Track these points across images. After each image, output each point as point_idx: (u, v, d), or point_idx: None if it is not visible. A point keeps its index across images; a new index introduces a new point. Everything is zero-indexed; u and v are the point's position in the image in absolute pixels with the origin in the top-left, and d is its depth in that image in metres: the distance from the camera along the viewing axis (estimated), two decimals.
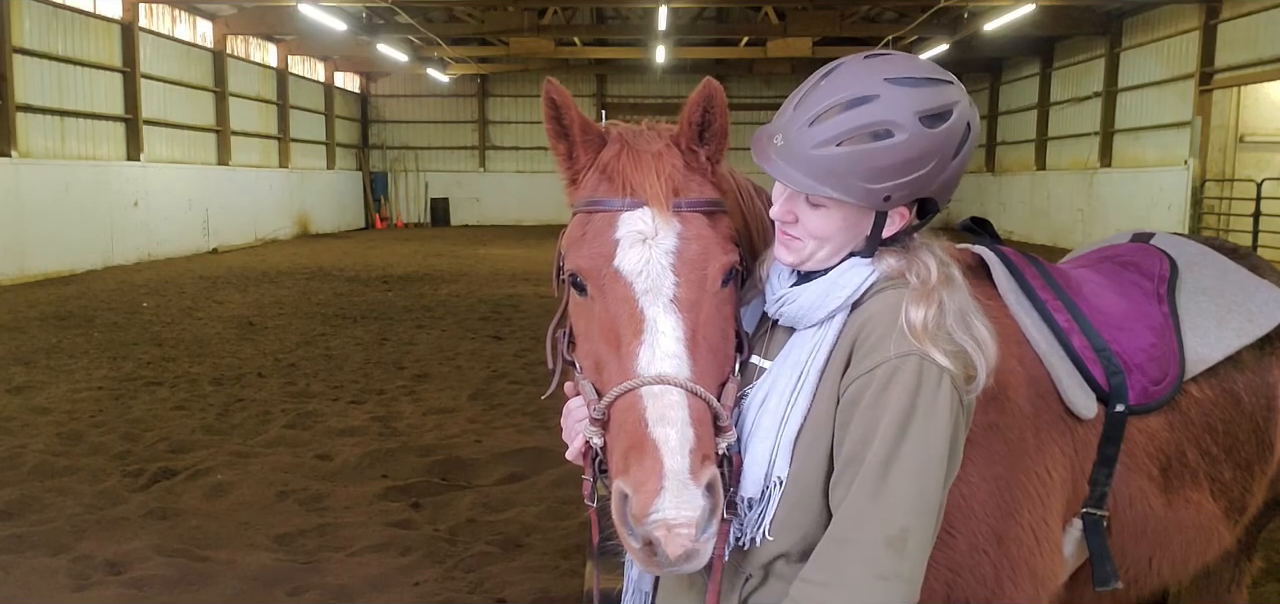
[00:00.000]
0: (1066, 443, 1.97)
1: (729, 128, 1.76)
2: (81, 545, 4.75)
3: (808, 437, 1.60)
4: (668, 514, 1.48)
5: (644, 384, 1.59)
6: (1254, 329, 2.26)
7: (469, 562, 4.61)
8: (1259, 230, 17.45)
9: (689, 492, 1.50)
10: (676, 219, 1.71)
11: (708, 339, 1.68)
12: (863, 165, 1.56)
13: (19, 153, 16.28)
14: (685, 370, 1.61)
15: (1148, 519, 2.09)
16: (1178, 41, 20.51)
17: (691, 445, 1.54)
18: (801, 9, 23.32)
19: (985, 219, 2.26)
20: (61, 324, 11.52)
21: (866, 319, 1.61)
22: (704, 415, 1.60)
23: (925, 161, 1.57)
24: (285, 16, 22.96)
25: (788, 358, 1.67)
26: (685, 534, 1.48)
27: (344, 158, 32.82)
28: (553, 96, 1.76)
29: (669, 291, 1.67)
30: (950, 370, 1.54)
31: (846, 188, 1.57)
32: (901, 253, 1.66)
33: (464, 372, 8.96)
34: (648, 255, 1.69)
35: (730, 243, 1.76)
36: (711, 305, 1.70)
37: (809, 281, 1.68)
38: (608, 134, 1.82)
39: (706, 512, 1.51)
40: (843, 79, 1.61)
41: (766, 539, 1.60)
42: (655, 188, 1.70)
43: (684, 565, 1.52)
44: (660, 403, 1.57)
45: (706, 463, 1.55)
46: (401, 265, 19.34)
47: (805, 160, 1.59)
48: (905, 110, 1.56)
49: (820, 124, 1.59)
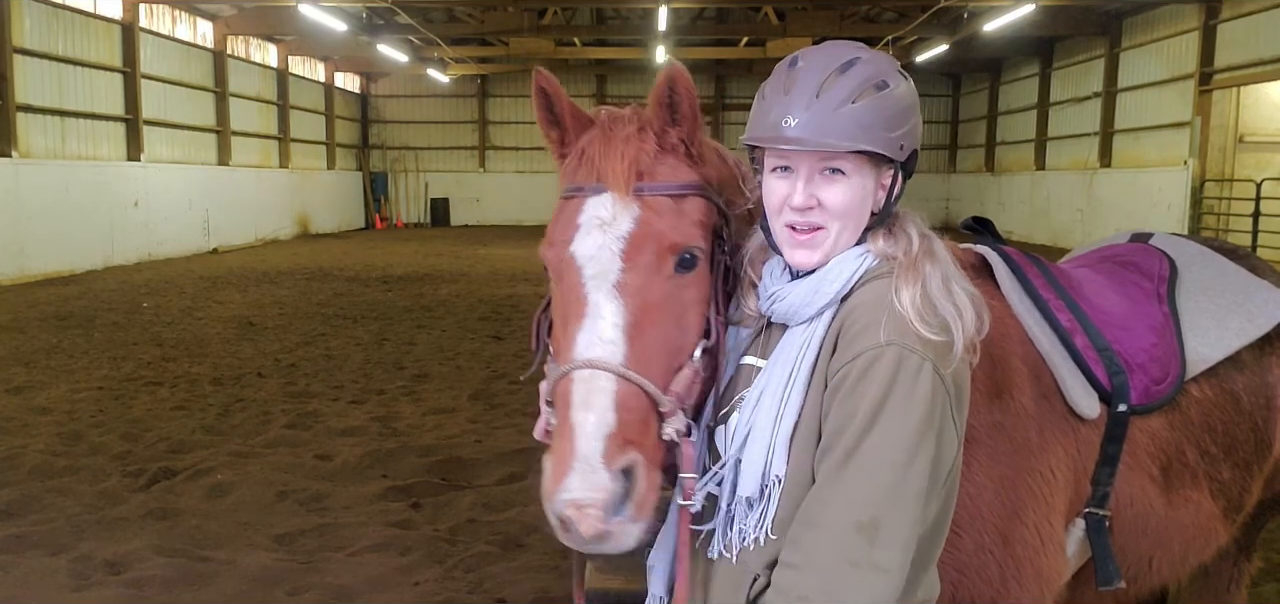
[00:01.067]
0: (1069, 442, 1.97)
1: (698, 109, 1.77)
2: (81, 545, 4.75)
3: (802, 433, 1.60)
4: (574, 494, 1.54)
5: (575, 368, 1.64)
6: (1253, 329, 2.27)
7: (469, 562, 4.61)
8: (1258, 230, 17.45)
9: (597, 475, 1.55)
10: (636, 203, 1.72)
11: (656, 324, 1.68)
12: (881, 115, 1.61)
13: (19, 153, 16.28)
14: (618, 355, 1.64)
15: (1148, 518, 2.10)
16: (1178, 41, 20.51)
17: (609, 430, 1.58)
18: (801, 9, 23.33)
19: (987, 219, 2.27)
20: (61, 324, 11.52)
21: (851, 309, 1.61)
22: (635, 401, 1.62)
23: (913, 112, 1.67)
24: (285, 16, 22.97)
25: (780, 355, 1.67)
26: (592, 514, 1.54)
27: (344, 158, 32.82)
28: (543, 86, 1.81)
29: (614, 277, 1.69)
30: (931, 359, 1.53)
31: (875, 138, 1.60)
32: (888, 231, 1.68)
33: (464, 372, 8.96)
34: (600, 240, 1.71)
35: (697, 227, 1.74)
36: (663, 290, 1.71)
37: (800, 278, 1.68)
38: (596, 119, 1.84)
39: (616, 495, 1.55)
40: (820, 57, 1.67)
41: (769, 538, 1.59)
42: (617, 172, 1.72)
43: (603, 546, 1.58)
44: (585, 387, 1.62)
45: (626, 448, 1.58)
46: (401, 265, 19.34)
47: (830, 125, 1.59)
48: (885, 66, 1.65)
49: (828, 91, 1.60)
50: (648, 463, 1.62)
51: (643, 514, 1.61)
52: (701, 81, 32.98)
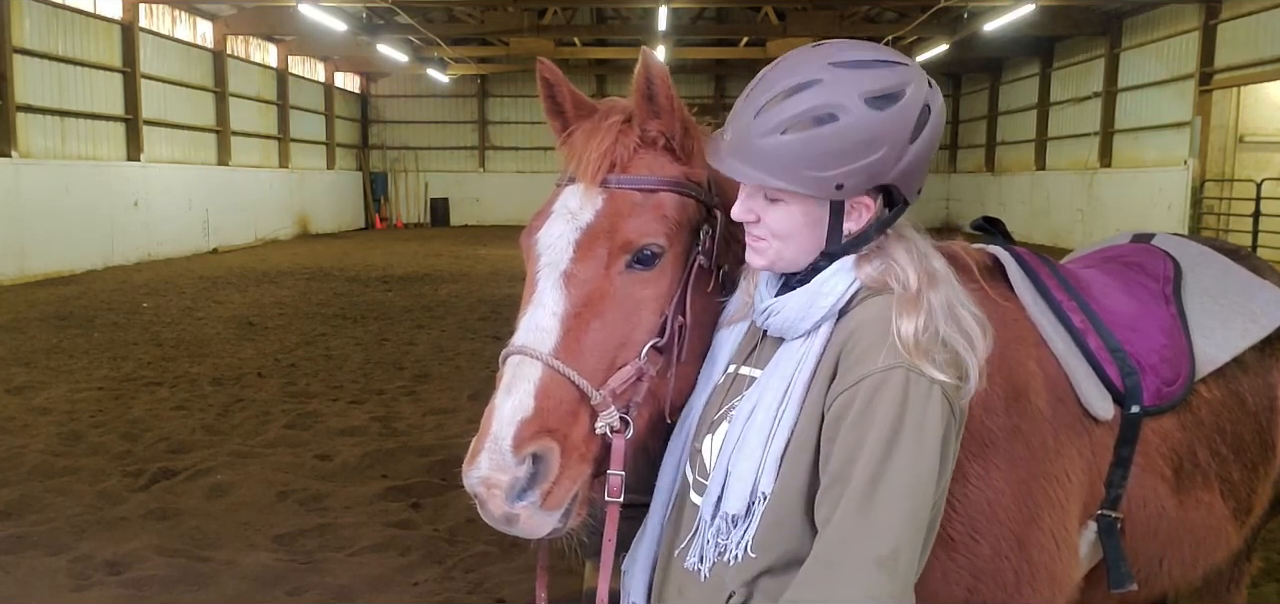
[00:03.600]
0: (1084, 445, 1.95)
1: (675, 100, 1.77)
2: (81, 545, 4.74)
3: (793, 451, 1.54)
4: (481, 473, 1.59)
5: (510, 353, 1.68)
6: (1257, 330, 2.26)
7: (468, 562, 4.60)
8: (1259, 230, 17.43)
9: (504, 458, 1.58)
10: (602, 196, 1.74)
11: (598, 318, 1.69)
12: (809, 151, 1.50)
13: (19, 153, 16.27)
14: (549, 344, 1.66)
15: (1160, 520, 2.08)
16: (1178, 41, 20.50)
17: (525, 416, 1.61)
18: (801, 9, 23.32)
19: (997, 219, 2.25)
20: (61, 324, 11.51)
21: (853, 330, 1.55)
22: (559, 390, 1.64)
23: (876, 146, 1.51)
24: (285, 16, 22.96)
25: (775, 370, 1.61)
26: (496, 494, 1.59)
27: (344, 158, 32.81)
28: (546, 75, 1.84)
29: (563, 266, 1.72)
30: (941, 380, 1.47)
31: (795, 177, 1.51)
32: (876, 254, 1.59)
33: (464, 372, 8.96)
34: (560, 230, 1.75)
35: (661, 224, 1.73)
36: (613, 285, 1.71)
37: (793, 290, 1.63)
38: (598, 109, 1.85)
39: (520, 480, 1.59)
40: (786, 67, 1.58)
41: (749, 556, 1.54)
42: (587, 163, 1.74)
43: (514, 529, 1.63)
44: (512, 373, 1.66)
45: (540, 436, 1.61)
46: (401, 265, 19.33)
47: (753, 152, 1.54)
48: (849, 92, 1.51)
49: (764, 114, 1.55)
50: (567, 453, 1.64)
51: (553, 503, 1.64)
52: (701, 81, 32.99)
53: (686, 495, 1.72)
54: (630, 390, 1.70)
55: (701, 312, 1.79)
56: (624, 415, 1.68)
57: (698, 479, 1.69)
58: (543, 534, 1.66)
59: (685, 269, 1.76)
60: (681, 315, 1.75)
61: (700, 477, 1.68)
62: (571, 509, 1.69)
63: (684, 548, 1.66)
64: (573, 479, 1.66)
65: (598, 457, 1.70)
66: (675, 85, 1.77)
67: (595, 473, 1.71)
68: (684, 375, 1.79)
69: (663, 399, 1.76)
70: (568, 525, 1.70)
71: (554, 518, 1.65)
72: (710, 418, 1.71)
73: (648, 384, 1.72)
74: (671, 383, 1.76)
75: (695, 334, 1.78)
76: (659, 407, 1.77)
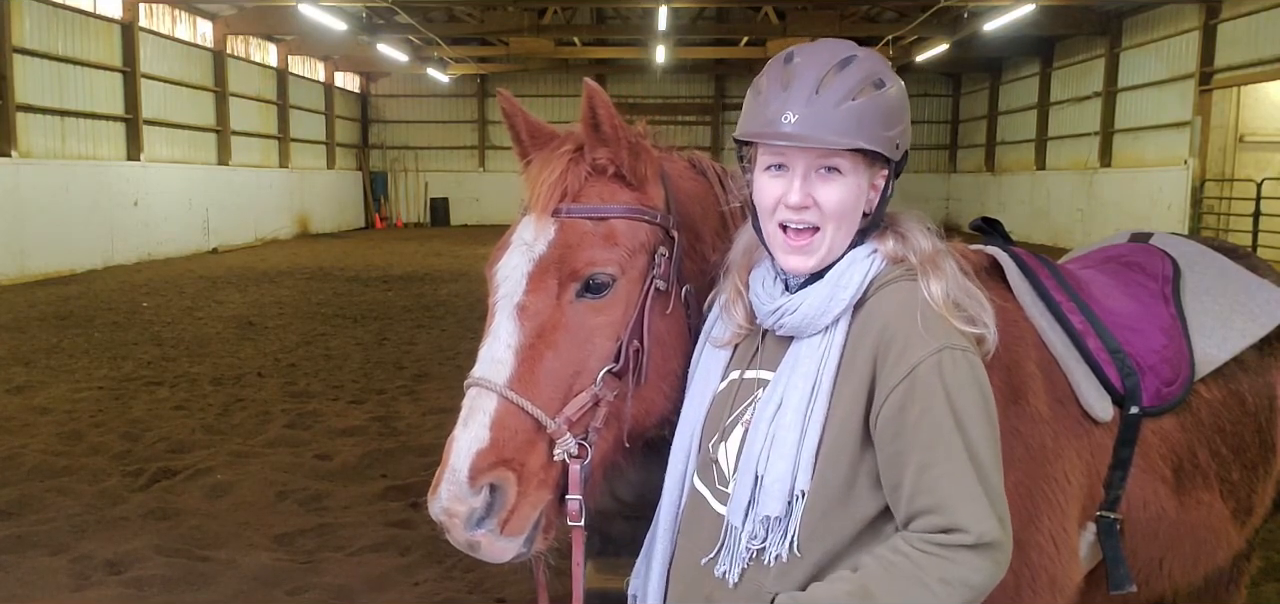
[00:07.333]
0: (1083, 446, 1.95)
1: (620, 127, 1.79)
2: (81, 545, 4.75)
3: (827, 447, 1.55)
4: (442, 504, 1.66)
5: (469, 385, 1.74)
6: (1256, 329, 2.26)
7: (468, 562, 4.58)
8: (1259, 230, 17.43)
9: (461, 489, 1.65)
10: (553, 225, 1.77)
11: (551, 347, 1.72)
12: (878, 113, 1.59)
13: (19, 153, 16.27)
14: (504, 376, 1.71)
15: (1160, 521, 2.08)
16: (1178, 41, 20.49)
17: (481, 447, 1.67)
18: (801, 9, 23.33)
19: (996, 219, 2.25)
20: (61, 324, 11.51)
21: (884, 324, 1.55)
22: (514, 421, 1.69)
23: (905, 112, 1.65)
24: (285, 16, 22.94)
25: (796, 369, 1.60)
26: (456, 523, 1.66)
27: (344, 158, 32.80)
28: (503, 106, 1.91)
29: (516, 298, 1.76)
30: (974, 332, 1.58)
31: (874, 136, 1.58)
32: (889, 230, 1.67)
33: (464, 371, 8.82)
34: (515, 261, 1.79)
35: (613, 251, 1.75)
36: (565, 314, 1.74)
37: (807, 287, 1.63)
38: (555, 137, 1.88)
39: (477, 510, 1.65)
40: (817, 53, 1.65)
41: (794, 554, 1.54)
42: (539, 194, 1.78)
43: (477, 554, 1.69)
44: (469, 406, 1.72)
45: (496, 468, 1.66)
46: (401, 265, 19.33)
47: (830, 122, 1.56)
48: (880, 64, 1.63)
49: (827, 88, 1.58)
50: (524, 481, 1.68)
51: (512, 529, 1.69)
52: (701, 81, 32.97)
53: (700, 505, 1.70)
54: (587, 416, 1.73)
55: (663, 332, 1.82)
56: (582, 441, 1.71)
57: (718, 487, 1.66)
58: (507, 558, 1.71)
59: (641, 293, 1.78)
60: (638, 340, 1.77)
61: (719, 485, 1.66)
62: (534, 534, 1.73)
63: (712, 558, 1.64)
64: (533, 505, 1.71)
65: (558, 481, 1.73)
66: (675, 87, 1.78)
67: (561, 497, 1.74)
68: (647, 397, 1.81)
69: (625, 422, 1.78)
70: (532, 549, 1.74)
71: (516, 543, 1.70)
72: (719, 425, 1.70)
73: (606, 409, 1.74)
74: (630, 406, 1.78)
75: (657, 354, 1.81)
76: (621, 429, 1.79)
